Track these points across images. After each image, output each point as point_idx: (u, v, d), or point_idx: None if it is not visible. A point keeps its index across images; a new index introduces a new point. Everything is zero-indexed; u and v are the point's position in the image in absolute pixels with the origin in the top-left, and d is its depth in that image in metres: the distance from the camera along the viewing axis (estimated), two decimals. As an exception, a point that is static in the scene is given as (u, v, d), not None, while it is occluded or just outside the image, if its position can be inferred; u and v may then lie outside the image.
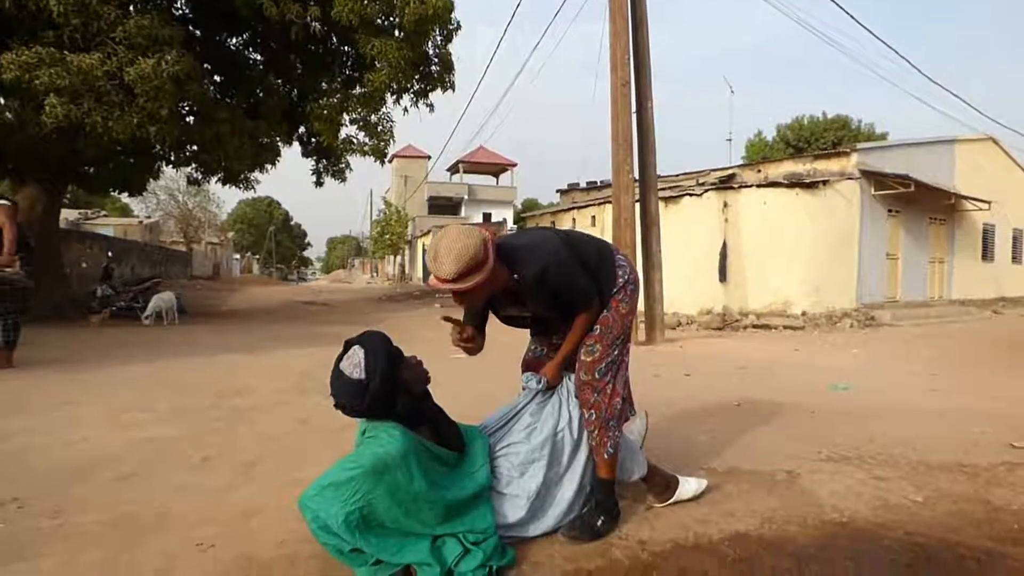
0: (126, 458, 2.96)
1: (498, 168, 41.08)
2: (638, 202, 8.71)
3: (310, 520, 1.73)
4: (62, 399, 4.18)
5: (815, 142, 28.54)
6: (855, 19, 11.52)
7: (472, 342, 2.18)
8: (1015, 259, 17.42)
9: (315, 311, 15.10)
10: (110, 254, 17.17)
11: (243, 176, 12.06)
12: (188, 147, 10.69)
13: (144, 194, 21.94)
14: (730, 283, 11.63)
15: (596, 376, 2.13)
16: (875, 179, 12.02)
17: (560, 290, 2.03)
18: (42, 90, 7.29)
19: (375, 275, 50.11)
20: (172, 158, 11.53)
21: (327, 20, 9.13)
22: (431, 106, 11.83)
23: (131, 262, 20.91)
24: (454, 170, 40.76)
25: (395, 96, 11.15)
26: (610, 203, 9.10)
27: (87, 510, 2.33)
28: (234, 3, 8.84)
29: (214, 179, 12.36)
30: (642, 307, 8.71)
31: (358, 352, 1.90)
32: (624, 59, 8.24)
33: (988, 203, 14.02)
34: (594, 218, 14.86)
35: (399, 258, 39.16)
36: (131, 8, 8.24)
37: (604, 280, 2.15)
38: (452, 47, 11.45)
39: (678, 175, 14.75)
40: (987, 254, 16.17)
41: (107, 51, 7.65)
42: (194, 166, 11.99)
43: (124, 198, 32.27)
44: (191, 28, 9.97)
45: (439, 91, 11.55)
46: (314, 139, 11.78)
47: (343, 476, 1.75)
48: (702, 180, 13.45)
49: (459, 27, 11.15)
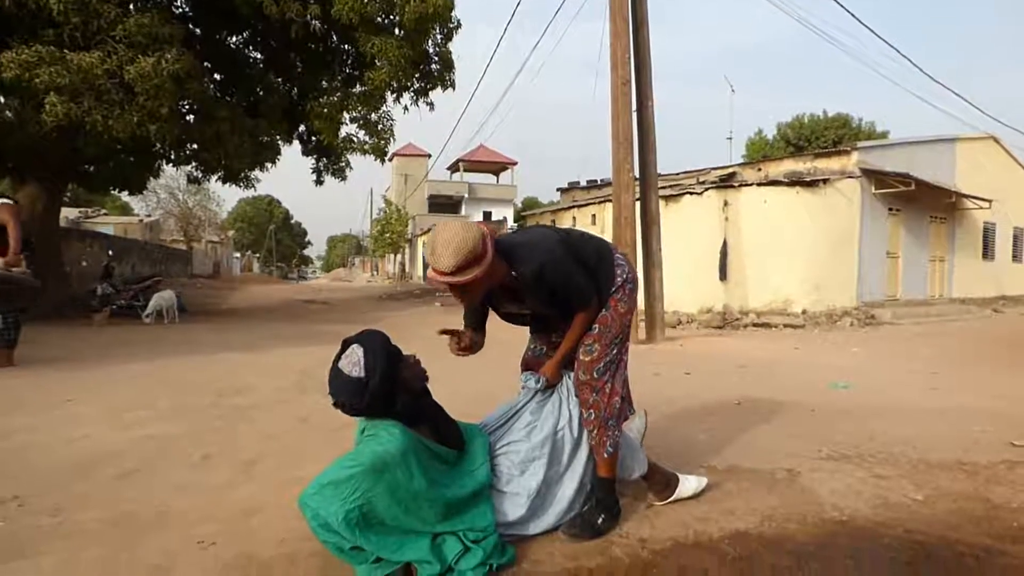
0: (127, 456, 2.96)
1: (498, 167, 41.07)
2: (638, 201, 8.71)
3: (310, 518, 1.73)
4: (63, 397, 4.18)
5: (816, 140, 28.51)
6: (856, 18, 11.52)
7: (469, 350, 2.21)
8: (1015, 258, 17.42)
9: (315, 310, 15.11)
10: (110, 253, 17.16)
11: (243, 175, 12.06)
12: (188, 145, 10.69)
13: (144, 193, 21.96)
14: (730, 282, 11.63)
15: (595, 375, 2.13)
16: (876, 178, 12.02)
17: (558, 288, 2.03)
18: (42, 88, 7.30)
19: (375, 274, 50.14)
20: (172, 156, 11.54)
21: (327, 18, 9.13)
22: (431, 104, 11.84)
23: (131, 261, 20.92)
24: (454, 169, 40.76)
25: (395, 94, 11.15)
26: (610, 202, 9.10)
27: (88, 508, 2.33)
28: (234, 1, 8.83)
29: (214, 178, 12.37)
30: (642, 306, 8.71)
31: (357, 351, 1.90)
32: (624, 58, 8.23)
33: (989, 202, 14.01)
34: (594, 216, 14.85)
35: (399, 257, 39.15)
36: (131, 6, 8.24)
37: (602, 279, 2.15)
38: (452, 45, 11.47)
39: (678, 174, 14.74)
40: (988, 253, 16.17)
41: (107, 49, 7.65)
42: (194, 164, 11.99)
43: (124, 197, 32.31)
44: (191, 26, 9.96)
45: (439, 90, 11.56)
46: (314, 137, 11.77)
47: (343, 474, 1.75)
48: (702, 179, 13.44)
49: (459, 25, 11.16)
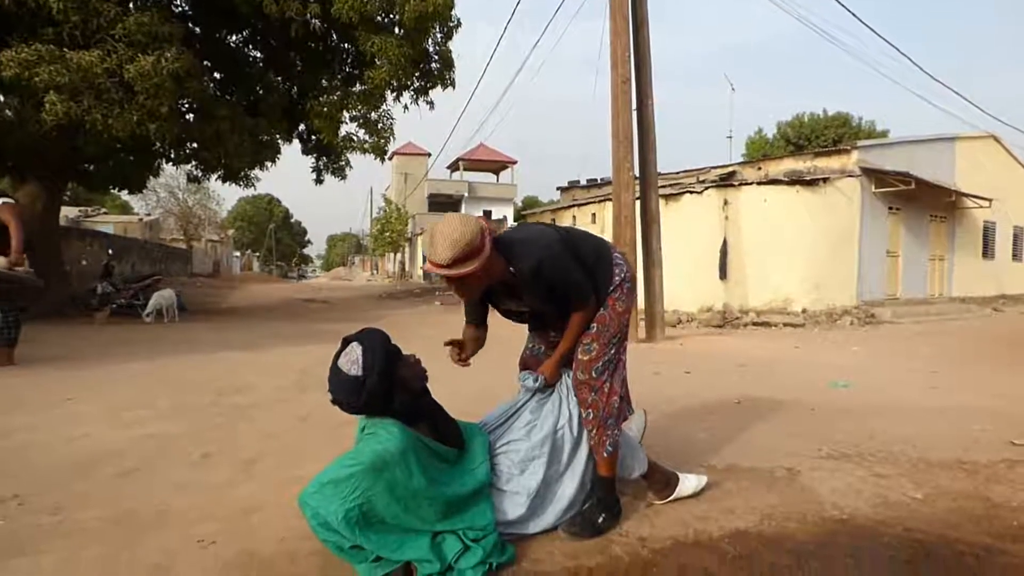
0: (127, 455, 2.96)
1: (498, 165, 41.04)
2: (638, 199, 8.70)
3: (310, 517, 1.73)
4: (63, 396, 4.18)
5: (816, 139, 28.49)
6: (856, 16, 11.47)
7: (468, 363, 2.27)
8: (1015, 257, 17.42)
9: (315, 309, 15.11)
10: (110, 251, 17.16)
11: (243, 173, 12.06)
12: (188, 144, 10.69)
13: (144, 191, 21.95)
14: (730, 280, 11.62)
15: (593, 375, 2.13)
16: (876, 176, 12.01)
17: (555, 284, 2.03)
18: (42, 87, 7.29)
19: (375, 273, 50.15)
20: (172, 155, 11.53)
21: (327, 17, 9.12)
22: (431, 103, 11.84)
23: (131, 259, 20.92)
24: (454, 167, 40.73)
25: (395, 93, 11.15)
26: (610, 200, 9.09)
27: (88, 506, 2.33)
28: (234, 0, 8.83)
29: (214, 176, 12.37)
30: (642, 304, 8.71)
31: (356, 349, 1.90)
32: (625, 56, 8.23)
33: (989, 201, 14.00)
34: (594, 215, 14.85)
35: (399, 256, 39.15)
36: (131, 5, 8.25)
37: (601, 277, 2.15)
38: (452, 44, 11.48)
39: (679, 172, 14.73)
40: (987, 252, 16.17)
41: (107, 48, 7.65)
42: (194, 163, 11.99)
43: (124, 195, 32.29)
44: (191, 25, 9.96)
45: (439, 88, 11.56)
46: (314, 136, 11.78)
47: (342, 473, 1.75)
48: (703, 177, 13.44)
49: (459, 24, 11.16)
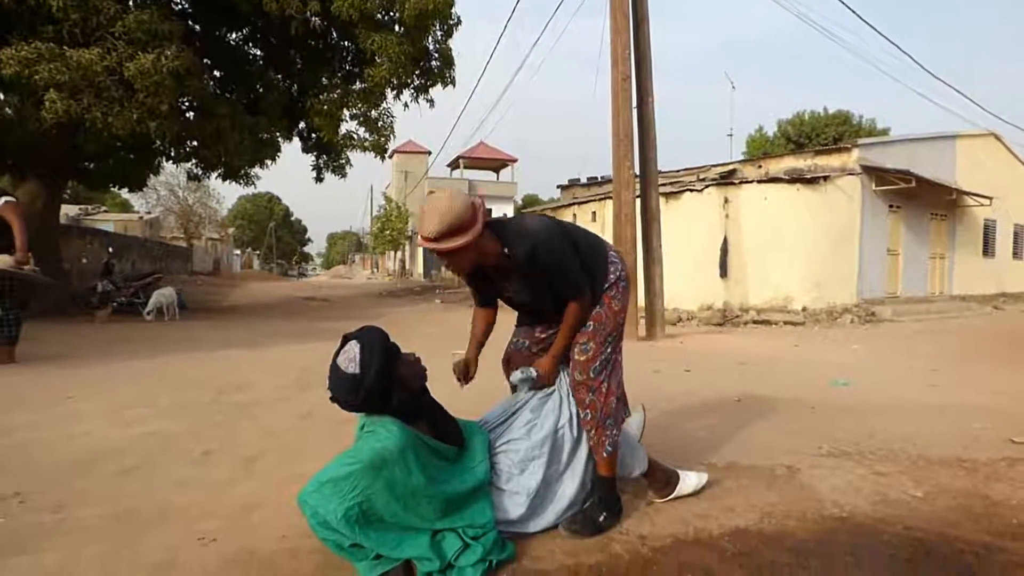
0: (128, 452, 2.97)
1: (498, 164, 40.99)
2: (639, 198, 8.70)
3: (309, 516, 1.73)
4: (64, 394, 4.19)
5: (816, 137, 28.45)
6: (857, 14, 11.45)
7: (470, 381, 2.28)
8: (1016, 255, 17.41)
9: (315, 307, 15.12)
10: (110, 250, 17.16)
11: (243, 172, 12.05)
12: (188, 143, 10.69)
13: (144, 190, 21.93)
14: (731, 279, 11.62)
15: (591, 375, 2.13)
16: (876, 175, 12.00)
17: (550, 270, 2.01)
18: (42, 85, 7.29)
19: (375, 271, 50.13)
20: (172, 154, 11.52)
21: (327, 15, 9.11)
22: (431, 101, 11.83)
23: (131, 258, 20.90)
24: (454, 166, 40.66)
25: (395, 91, 11.14)
26: (611, 199, 9.09)
27: (89, 504, 2.33)
28: (234, -2, 8.83)
29: (214, 175, 12.36)
30: (643, 303, 8.72)
31: (354, 347, 1.90)
32: (625, 55, 8.22)
33: (989, 199, 13.99)
34: (595, 214, 14.84)
35: (399, 254, 39.13)
36: (130, 3, 8.23)
37: (596, 273, 2.15)
38: (452, 42, 11.45)
39: (679, 171, 14.73)
40: (988, 250, 16.16)
41: (107, 46, 7.64)
42: (194, 162, 11.98)
43: (124, 194, 32.35)
44: (191, 23, 9.95)
45: (439, 86, 11.55)
46: (314, 134, 11.77)
47: (341, 472, 1.75)
48: (703, 176, 13.43)
49: (459, 22, 11.14)
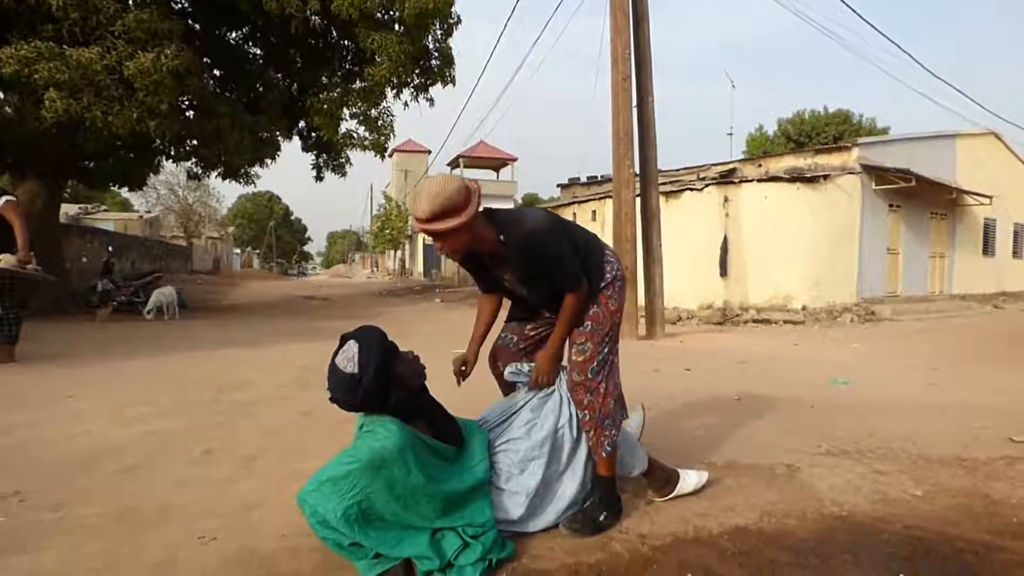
0: (128, 451, 2.97)
1: (498, 163, 40.95)
2: (639, 197, 8.69)
3: (309, 515, 1.73)
4: (64, 393, 4.19)
5: (816, 136, 28.44)
6: (857, 13, 11.46)
7: (466, 378, 2.30)
8: (1016, 254, 17.40)
9: (315, 306, 15.13)
10: (110, 249, 17.16)
11: (243, 171, 12.05)
12: (188, 141, 10.68)
13: (144, 189, 21.93)
14: (730, 278, 11.62)
15: (589, 375, 2.13)
16: (876, 174, 12.00)
17: (546, 259, 2.00)
18: (41, 84, 7.29)
19: (375, 270, 50.14)
20: (172, 152, 11.52)
21: (327, 14, 9.11)
22: (431, 100, 11.82)
23: (131, 257, 20.90)
24: (454, 165, 40.58)
25: (395, 90, 11.14)
26: (611, 198, 9.09)
27: (89, 503, 2.33)
28: (233, -3, 8.83)
29: (214, 174, 12.36)
30: (643, 301, 8.72)
31: (352, 346, 1.91)
32: (625, 54, 8.21)
33: (989, 198, 13.99)
34: (595, 213, 14.84)
35: (399, 253, 39.12)
36: (130, 2, 8.22)
37: (593, 271, 2.14)
38: (452, 41, 11.45)
39: (679, 170, 14.72)
40: (988, 249, 16.16)
41: (106, 45, 7.64)
42: (194, 161, 11.98)
43: (124, 193, 32.36)
44: (190, 22, 9.94)
45: (439, 85, 11.55)
46: (314, 133, 11.76)
47: (340, 471, 1.76)
48: (703, 175, 13.42)
49: (459, 21, 11.13)
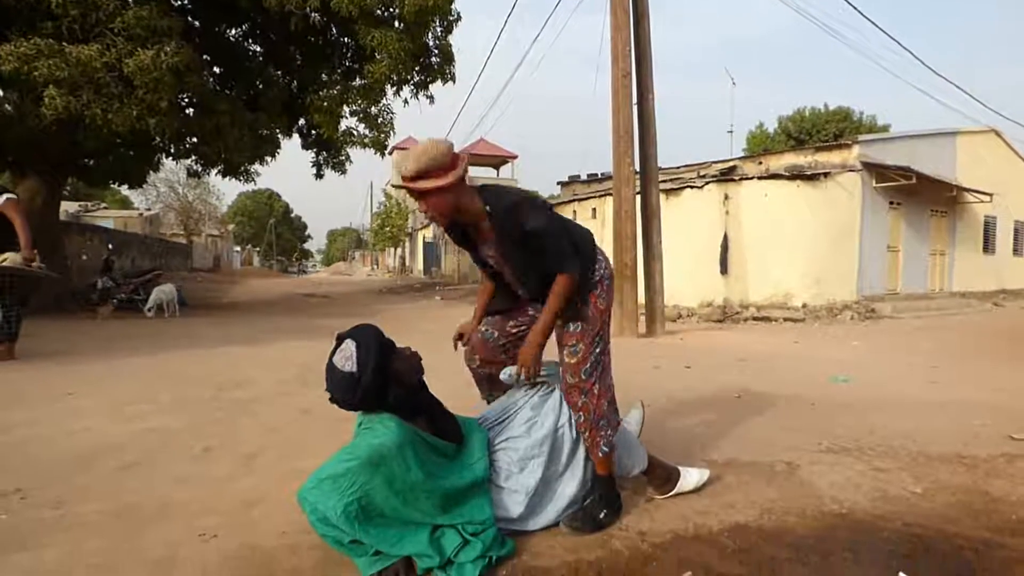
0: (128, 449, 2.97)
1: (499, 160, 40.88)
2: (639, 194, 8.68)
3: (309, 512, 1.74)
4: (64, 390, 4.19)
5: (817, 134, 28.42)
6: (858, 10, 11.46)
7: (464, 344, 2.35)
8: (1016, 251, 17.40)
9: (315, 303, 15.12)
10: (110, 246, 17.15)
11: (243, 168, 12.03)
12: (188, 139, 10.66)
13: (144, 186, 21.97)
14: (731, 275, 11.62)
15: (582, 377, 2.12)
16: (876, 171, 11.98)
17: (533, 234, 1.94)
18: (41, 82, 7.27)
19: (375, 267, 50.12)
20: (172, 150, 11.51)
21: (327, 11, 9.07)
22: (431, 98, 11.79)
23: (131, 254, 20.90)
24: (455, 162, 40.60)
25: (395, 88, 11.10)
26: (611, 195, 9.08)
27: (89, 500, 2.34)
28: (233, -6, 8.81)
29: (214, 171, 12.33)
30: (643, 299, 8.72)
31: (350, 345, 1.91)
32: (625, 51, 8.20)
33: (990, 195, 13.98)
34: (595, 210, 14.82)
35: (399, 250, 39.14)
36: (129, -1, 8.20)
37: (585, 258, 2.09)
38: (452, 38, 11.40)
39: (679, 167, 14.69)
40: (988, 246, 16.15)
41: (106, 42, 7.62)
42: (194, 158, 11.96)
43: (124, 190, 32.27)
44: (190, 19, 9.91)
45: (439, 83, 11.51)
46: (314, 131, 11.74)
47: (340, 468, 1.76)
48: (703, 172, 13.41)
49: (459, 18, 11.10)
